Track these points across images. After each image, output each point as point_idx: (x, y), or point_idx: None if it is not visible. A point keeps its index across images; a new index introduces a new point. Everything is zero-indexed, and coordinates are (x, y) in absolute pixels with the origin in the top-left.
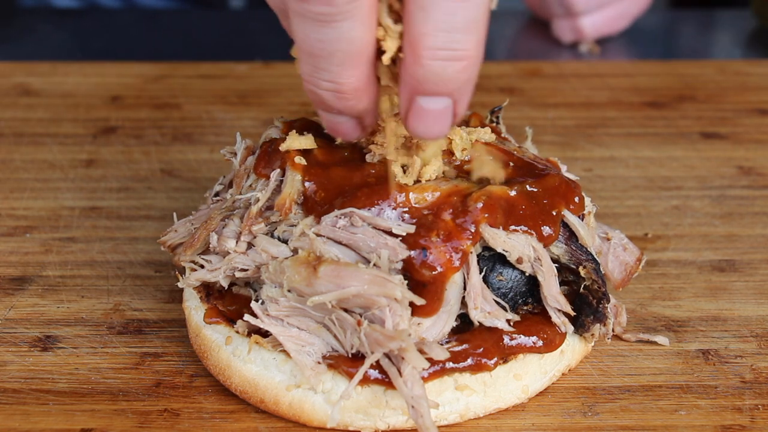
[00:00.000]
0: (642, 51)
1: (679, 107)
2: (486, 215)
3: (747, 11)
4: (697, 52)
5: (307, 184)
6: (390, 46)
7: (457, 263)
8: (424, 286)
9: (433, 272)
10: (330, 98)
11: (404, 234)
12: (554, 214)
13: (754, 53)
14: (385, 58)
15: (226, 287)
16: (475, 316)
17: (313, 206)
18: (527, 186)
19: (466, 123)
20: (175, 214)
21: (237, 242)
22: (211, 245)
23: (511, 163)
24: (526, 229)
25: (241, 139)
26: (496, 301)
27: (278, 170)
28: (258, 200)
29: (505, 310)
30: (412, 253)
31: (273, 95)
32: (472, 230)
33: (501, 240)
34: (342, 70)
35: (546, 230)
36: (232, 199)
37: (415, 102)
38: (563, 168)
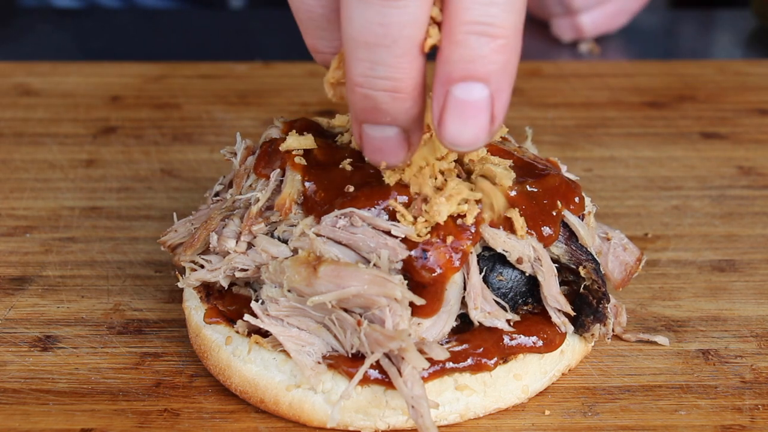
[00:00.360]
0: (642, 51)
1: (679, 107)
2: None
3: (747, 11)
4: (697, 52)
5: (307, 184)
6: (433, 33)
7: (457, 263)
8: (424, 287)
9: (433, 274)
10: (385, 100)
11: (403, 236)
12: (554, 214)
13: (754, 53)
14: (427, 45)
15: (226, 287)
16: (475, 316)
17: (313, 206)
18: (527, 186)
19: None
20: (175, 214)
21: (237, 242)
22: (211, 245)
23: (511, 163)
24: (526, 229)
25: (241, 139)
26: (496, 301)
27: (278, 170)
28: (258, 200)
29: (505, 310)
30: (412, 253)
31: (273, 95)
32: (472, 230)
33: (501, 240)
34: (402, 61)
35: (546, 230)
36: (232, 199)
37: (449, 95)
38: (563, 168)
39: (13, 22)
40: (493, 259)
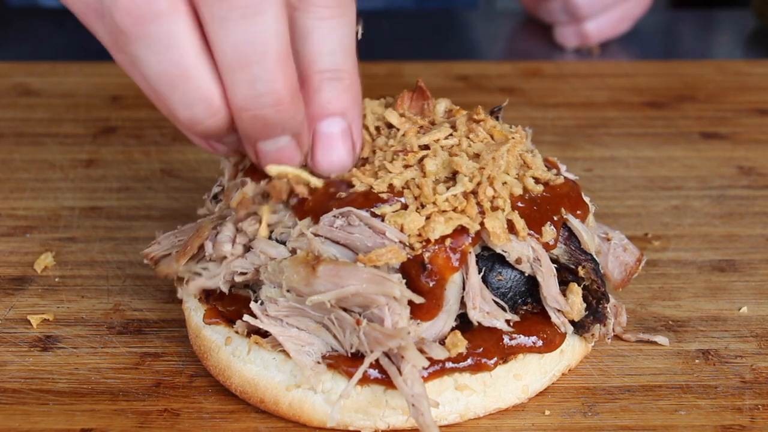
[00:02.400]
0: (642, 51)
1: (679, 107)
2: None
3: (747, 11)
4: (697, 52)
5: None
6: None
7: (456, 263)
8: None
9: (432, 282)
10: (272, 115)
11: (397, 241)
12: (555, 219)
13: (754, 53)
14: None
15: (227, 293)
16: (474, 316)
17: (306, 211)
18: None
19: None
20: (158, 232)
21: (233, 245)
22: (206, 253)
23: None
24: (528, 231)
25: (225, 159)
26: (495, 301)
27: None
28: (245, 192)
29: (505, 310)
30: (411, 258)
31: None
32: (472, 233)
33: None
34: (277, 71)
35: (547, 233)
36: (220, 211)
37: (317, 132)
38: (563, 168)
39: (12, 23)
40: (492, 259)
